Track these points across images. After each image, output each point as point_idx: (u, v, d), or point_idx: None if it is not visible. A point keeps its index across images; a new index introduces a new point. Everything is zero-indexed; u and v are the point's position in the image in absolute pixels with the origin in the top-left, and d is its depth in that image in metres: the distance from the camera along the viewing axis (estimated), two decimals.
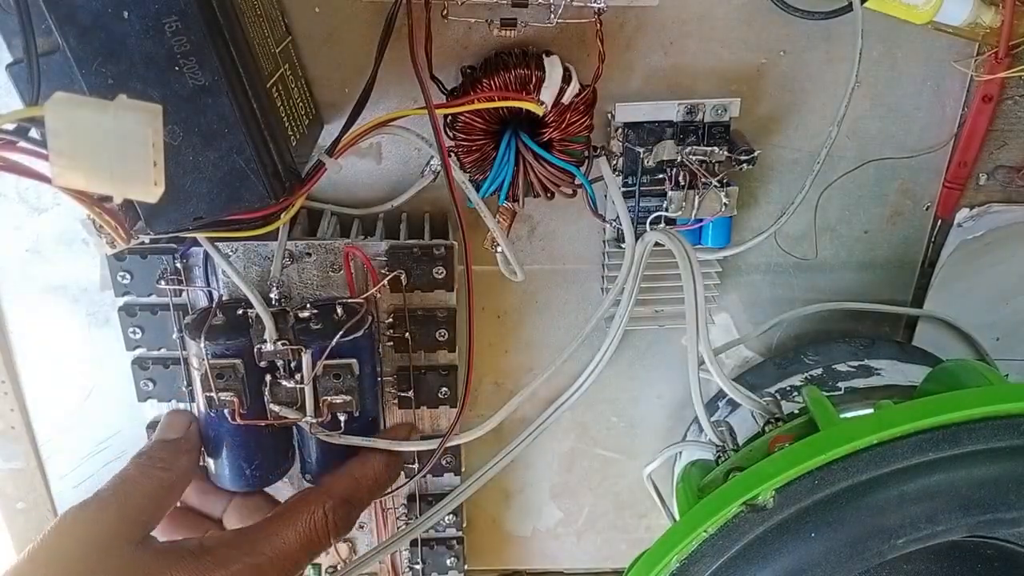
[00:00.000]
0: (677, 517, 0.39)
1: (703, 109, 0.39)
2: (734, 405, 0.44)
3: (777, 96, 0.41)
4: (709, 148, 0.39)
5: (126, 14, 0.27)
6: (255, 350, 0.37)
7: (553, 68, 0.36)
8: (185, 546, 0.34)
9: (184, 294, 0.40)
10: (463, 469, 0.46)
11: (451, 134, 0.39)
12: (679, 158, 0.40)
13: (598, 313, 0.41)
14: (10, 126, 0.24)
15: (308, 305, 0.38)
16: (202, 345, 0.36)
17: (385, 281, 0.39)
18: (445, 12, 0.37)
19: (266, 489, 0.42)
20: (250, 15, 0.32)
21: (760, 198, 0.44)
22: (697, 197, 0.40)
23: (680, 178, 0.40)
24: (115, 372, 0.44)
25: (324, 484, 0.39)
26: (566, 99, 0.37)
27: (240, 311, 0.38)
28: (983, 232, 0.45)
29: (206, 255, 0.38)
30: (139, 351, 0.41)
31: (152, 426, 0.42)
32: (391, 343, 0.41)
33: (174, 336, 0.40)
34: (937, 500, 0.28)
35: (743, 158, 0.39)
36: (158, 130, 0.23)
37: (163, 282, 0.39)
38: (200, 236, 0.36)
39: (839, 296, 0.47)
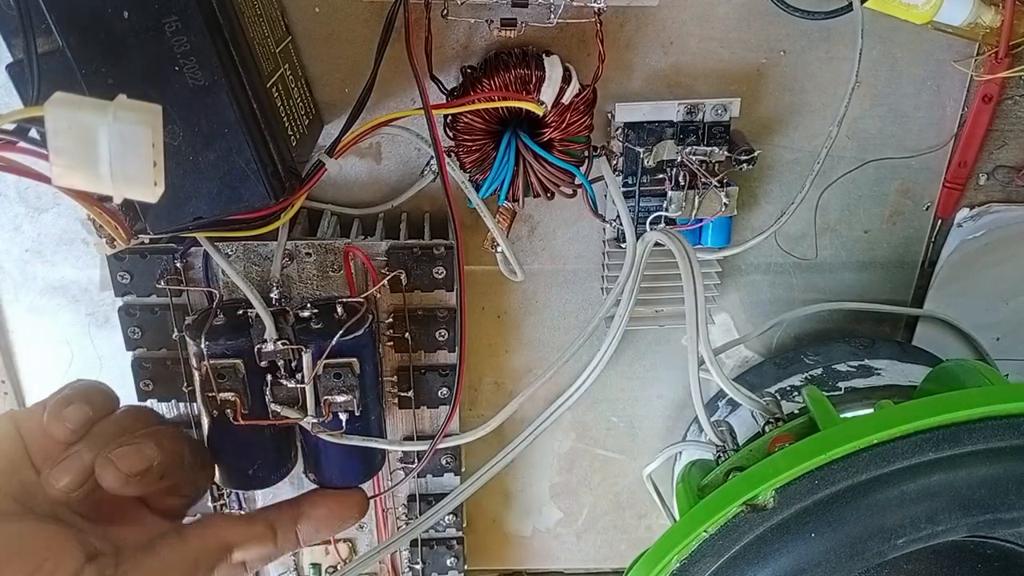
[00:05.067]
0: (677, 517, 0.39)
1: (703, 109, 0.39)
2: (734, 405, 0.44)
3: (777, 96, 0.41)
4: (709, 148, 0.39)
5: (126, 14, 0.27)
6: (255, 350, 0.37)
7: (553, 68, 0.36)
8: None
9: (184, 294, 0.40)
10: (463, 469, 0.46)
11: (451, 134, 0.39)
12: (679, 158, 0.40)
13: (599, 313, 0.41)
14: (10, 126, 0.24)
15: (308, 305, 0.38)
16: (203, 346, 0.36)
17: (385, 281, 0.39)
18: (445, 12, 0.37)
19: (268, 489, 0.42)
20: (250, 15, 0.32)
21: (760, 198, 0.44)
22: (697, 197, 0.40)
23: (680, 178, 0.40)
24: (115, 372, 0.44)
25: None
26: (566, 99, 0.37)
27: (240, 311, 0.38)
28: (983, 232, 0.44)
29: (206, 255, 0.38)
30: (139, 351, 0.41)
31: None
32: (391, 343, 0.41)
33: (174, 336, 0.40)
34: (937, 500, 0.28)
35: (743, 158, 0.39)
36: (158, 130, 0.23)
37: (163, 282, 0.39)
38: (200, 236, 0.36)
39: (839, 296, 0.47)
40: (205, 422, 0.39)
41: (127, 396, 0.41)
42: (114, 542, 0.34)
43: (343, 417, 0.38)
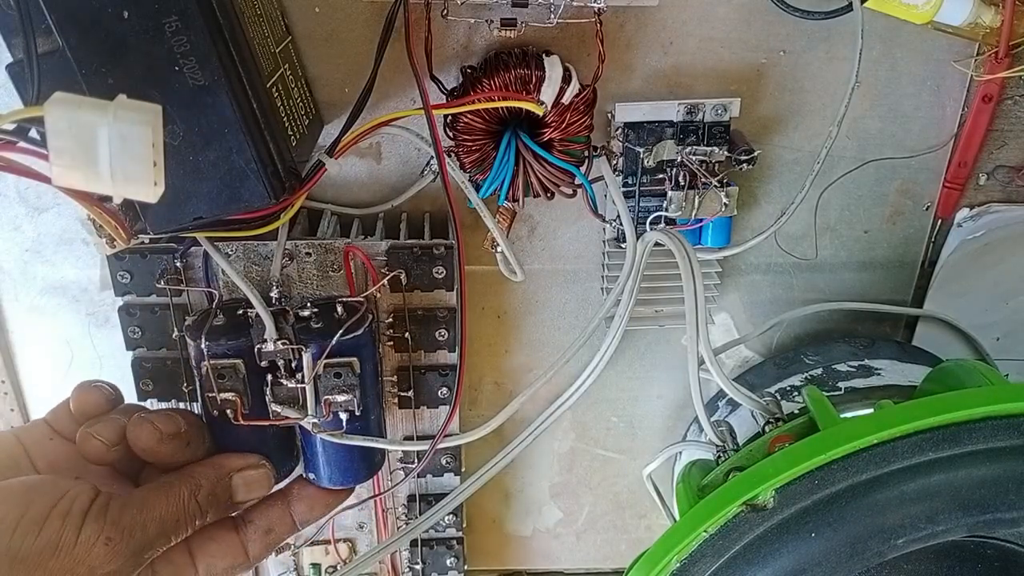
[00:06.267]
0: (677, 517, 0.39)
1: (703, 109, 0.39)
2: (734, 405, 0.44)
3: (777, 96, 0.41)
4: (709, 148, 0.39)
5: (126, 14, 0.27)
6: (256, 350, 0.37)
7: (553, 68, 0.36)
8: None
9: (184, 294, 0.40)
10: (463, 469, 0.46)
11: (451, 134, 0.39)
12: (679, 158, 0.40)
13: (599, 313, 0.41)
14: (10, 126, 0.24)
15: (308, 304, 0.38)
16: (203, 346, 0.36)
17: (385, 281, 0.39)
18: (445, 12, 0.37)
19: None
20: (250, 15, 0.32)
21: (760, 198, 0.44)
22: (697, 197, 0.40)
23: (680, 178, 0.40)
24: (115, 372, 0.44)
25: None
26: (566, 99, 0.37)
27: (240, 311, 0.38)
28: (983, 232, 0.44)
29: (206, 255, 0.38)
30: (139, 351, 0.41)
31: None
32: (391, 343, 0.41)
33: (174, 336, 0.40)
34: (937, 500, 0.28)
35: (743, 158, 0.39)
36: (158, 130, 0.23)
37: (163, 282, 0.39)
38: (200, 236, 0.36)
39: (839, 296, 0.47)
40: (206, 422, 0.39)
41: (127, 396, 0.41)
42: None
43: (343, 417, 0.38)
